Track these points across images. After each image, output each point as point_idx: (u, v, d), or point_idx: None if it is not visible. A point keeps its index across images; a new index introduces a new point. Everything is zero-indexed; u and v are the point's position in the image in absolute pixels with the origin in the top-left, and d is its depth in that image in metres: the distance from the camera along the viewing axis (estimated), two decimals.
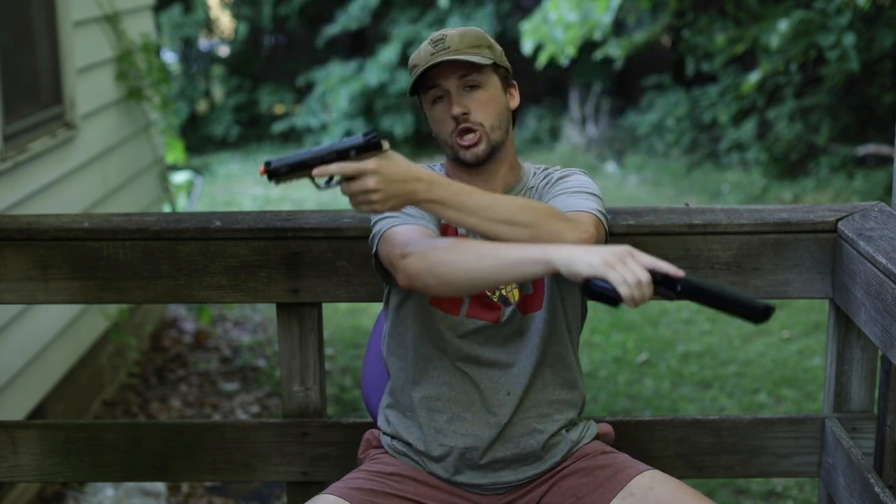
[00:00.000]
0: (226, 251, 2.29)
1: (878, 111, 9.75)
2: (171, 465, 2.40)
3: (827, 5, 8.26)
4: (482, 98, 1.96)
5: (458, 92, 1.95)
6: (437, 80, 1.96)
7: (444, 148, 2.01)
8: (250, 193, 10.20)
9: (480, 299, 2.00)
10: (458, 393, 2.00)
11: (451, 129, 1.96)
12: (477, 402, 1.99)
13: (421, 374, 2.02)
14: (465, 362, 2.00)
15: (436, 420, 2.00)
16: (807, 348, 5.52)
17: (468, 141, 1.95)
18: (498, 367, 2.00)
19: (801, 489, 3.96)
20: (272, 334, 5.73)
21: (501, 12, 12.28)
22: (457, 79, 1.95)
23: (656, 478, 1.94)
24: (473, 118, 1.95)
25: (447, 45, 1.95)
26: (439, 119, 1.98)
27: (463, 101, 1.95)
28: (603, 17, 8.47)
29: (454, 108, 1.95)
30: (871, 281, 2.03)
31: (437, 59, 1.93)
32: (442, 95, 1.97)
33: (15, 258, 2.29)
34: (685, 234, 2.27)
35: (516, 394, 1.99)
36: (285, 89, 13.30)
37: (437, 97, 1.98)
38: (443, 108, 1.97)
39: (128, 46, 5.06)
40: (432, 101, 1.99)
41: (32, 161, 3.94)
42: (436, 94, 1.98)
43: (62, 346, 4.16)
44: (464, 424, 1.99)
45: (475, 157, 1.96)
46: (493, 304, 2.00)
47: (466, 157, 1.97)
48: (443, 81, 1.96)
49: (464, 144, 1.96)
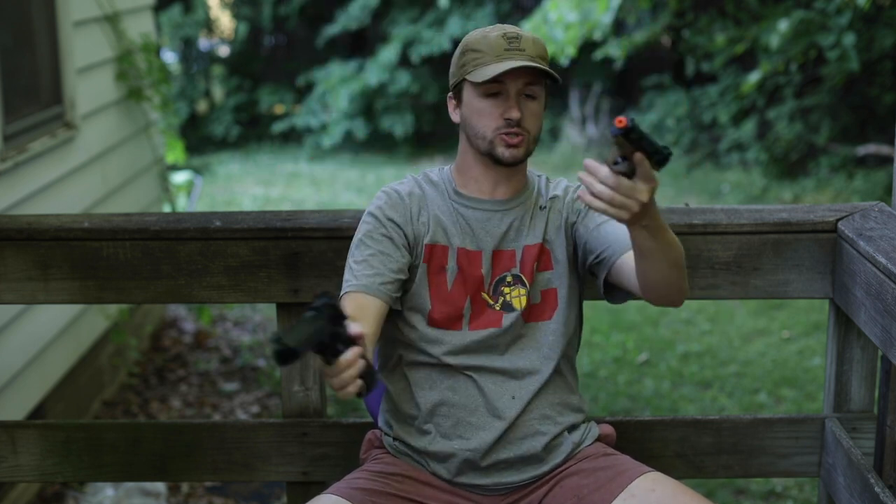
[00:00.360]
0: (226, 251, 2.29)
1: (878, 111, 9.75)
2: (171, 465, 2.40)
3: (827, 5, 8.25)
4: (535, 109, 1.96)
5: (517, 96, 1.94)
6: (503, 76, 1.93)
7: (475, 140, 1.98)
8: (250, 193, 10.20)
9: (481, 310, 2.00)
10: (462, 397, 2.00)
11: (497, 125, 1.94)
12: (481, 407, 1.99)
13: (423, 384, 2.02)
14: (469, 369, 2.00)
15: (440, 425, 2.00)
16: (807, 348, 5.51)
17: (513, 140, 1.94)
18: (502, 373, 2.00)
19: (801, 489, 3.96)
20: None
21: (501, 12, 12.27)
22: (522, 84, 1.94)
23: (658, 480, 1.94)
24: (524, 125, 1.95)
25: (523, 48, 1.94)
26: (486, 113, 1.95)
27: (520, 107, 1.94)
28: (603, 17, 8.47)
29: (513, 112, 1.93)
30: (871, 281, 2.03)
31: (518, 63, 1.90)
32: (499, 92, 1.94)
33: (15, 258, 2.29)
34: (685, 234, 2.27)
35: (521, 398, 1.99)
36: (285, 89, 13.30)
37: (494, 92, 1.95)
38: (495, 104, 1.94)
39: (128, 46, 5.06)
40: (488, 93, 1.95)
41: (32, 161, 3.94)
42: (494, 88, 1.94)
43: (62, 346, 4.16)
44: (468, 429, 1.99)
45: (514, 158, 1.95)
46: (495, 312, 2.00)
47: (506, 155, 1.95)
48: (509, 81, 1.93)
49: (510, 142, 1.94)
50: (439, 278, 2.00)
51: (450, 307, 2.00)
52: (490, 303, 2.00)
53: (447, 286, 2.00)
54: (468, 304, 2.00)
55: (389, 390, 2.07)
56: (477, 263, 2.01)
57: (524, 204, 2.05)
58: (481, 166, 2.01)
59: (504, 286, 2.01)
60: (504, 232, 2.02)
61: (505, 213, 2.03)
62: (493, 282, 2.01)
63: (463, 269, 2.00)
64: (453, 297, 2.00)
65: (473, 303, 2.00)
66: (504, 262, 2.02)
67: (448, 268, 2.01)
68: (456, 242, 2.01)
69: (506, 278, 2.01)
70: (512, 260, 2.02)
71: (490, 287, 2.01)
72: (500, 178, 2.02)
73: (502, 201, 2.03)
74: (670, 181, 10.46)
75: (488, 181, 2.02)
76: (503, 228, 2.02)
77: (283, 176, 11.20)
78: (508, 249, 2.02)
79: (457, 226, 2.02)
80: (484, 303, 2.00)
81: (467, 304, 2.00)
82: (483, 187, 2.03)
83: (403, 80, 12.06)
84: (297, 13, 13.31)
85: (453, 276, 2.00)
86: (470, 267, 2.00)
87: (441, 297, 2.00)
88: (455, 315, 2.00)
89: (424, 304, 2.00)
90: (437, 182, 2.06)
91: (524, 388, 2.00)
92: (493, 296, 2.01)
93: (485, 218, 2.02)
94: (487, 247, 2.01)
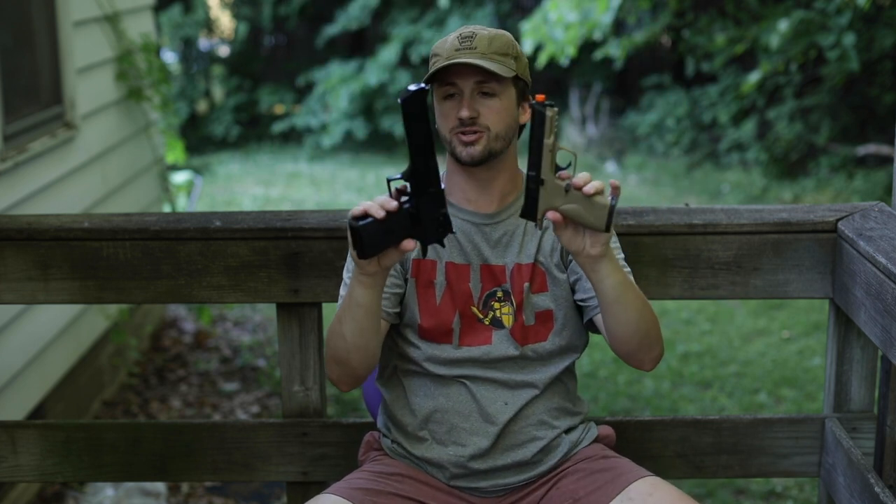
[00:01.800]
0: (226, 251, 2.29)
1: (878, 111, 9.75)
2: (171, 465, 2.40)
3: (827, 5, 8.26)
4: (495, 106, 1.91)
5: (471, 95, 1.91)
6: (454, 77, 1.90)
7: (444, 144, 1.98)
8: (250, 193, 10.20)
9: (470, 325, 1.98)
10: (455, 403, 1.99)
11: (452, 126, 1.92)
12: (475, 412, 1.99)
13: (418, 391, 2.02)
14: (463, 377, 1.99)
15: (435, 431, 2.00)
16: (807, 348, 5.51)
17: (468, 138, 1.91)
18: (494, 382, 1.99)
19: (801, 489, 3.96)
20: (272, 334, 5.73)
21: (501, 12, 12.27)
22: (474, 82, 1.90)
23: (656, 484, 1.92)
24: (481, 122, 1.91)
25: (474, 46, 1.90)
26: (445, 115, 1.93)
27: (474, 105, 1.90)
28: (603, 17, 8.47)
29: (463, 111, 1.89)
30: (871, 281, 2.03)
31: (459, 59, 1.88)
32: (454, 94, 1.92)
33: (15, 258, 2.29)
34: (685, 234, 2.27)
35: (514, 405, 1.99)
36: (285, 89, 13.30)
37: (449, 94, 1.93)
38: (452, 106, 1.92)
39: (128, 46, 5.06)
40: (444, 95, 1.93)
41: (32, 161, 3.94)
42: (449, 90, 1.92)
43: (62, 346, 4.16)
44: (463, 435, 1.98)
45: (470, 157, 1.92)
46: (484, 327, 1.98)
47: (462, 154, 1.92)
48: (459, 81, 1.90)
49: (463, 140, 1.91)
50: (428, 292, 1.98)
51: (438, 321, 1.98)
52: (479, 317, 1.98)
53: (436, 300, 1.98)
54: (457, 318, 1.98)
55: (386, 398, 2.07)
56: (465, 277, 1.98)
57: (515, 215, 1.99)
58: (460, 172, 1.99)
59: (494, 301, 1.99)
60: (492, 246, 1.99)
61: (493, 228, 1.99)
62: (483, 296, 1.98)
63: (451, 284, 1.98)
64: (442, 311, 1.98)
65: (463, 317, 1.98)
66: (494, 278, 1.98)
67: (436, 282, 1.98)
68: (444, 256, 1.98)
69: (496, 293, 1.98)
70: (503, 275, 1.99)
71: (480, 301, 1.98)
72: (478, 184, 1.98)
73: (489, 214, 1.99)
74: (670, 181, 10.46)
75: (470, 188, 1.99)
76: (491, 243, 1.99)
77: (283, 176, 11.20)
78: (498, 265, 1.99)
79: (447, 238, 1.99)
80: (473, 317, 1.98)
81: (456, 319, 1.98)
82: (469, 195, 1.99)
83: (403, 80, 12.07)
84: (297, 13, 13.32)
85: (442, 290, 1.98)
86: (458, 281, 1.98)
87: (430, 311, 1.98)
88: (444, 329, 1.98)
89: (414, 317, 1.99)
90: None
91: (518, 397, 1.99)
92: (483, 310, 1.98)
93: (473, 231, 1.99)
94: (475, 261, 1.99)
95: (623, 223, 2.25)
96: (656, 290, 2.28)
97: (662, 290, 2.29)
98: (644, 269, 2.25)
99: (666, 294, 2.29)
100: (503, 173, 1.99)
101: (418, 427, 2.01)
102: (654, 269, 2.27)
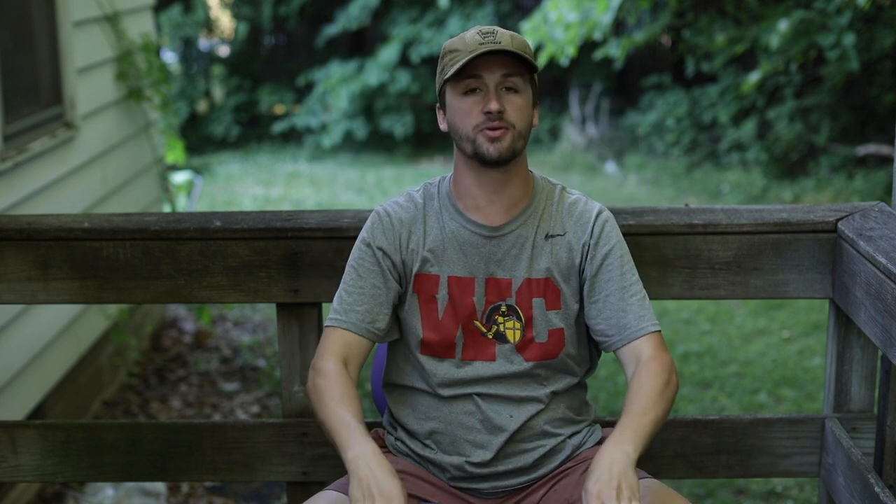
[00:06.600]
0: (226, 251, 2.29)
1: (878, 111, 9.75)
2: (171, 465, 2.40)
3: (827, 5, 8.26)
4: (518, 102, 1.88)
5: (496, 89, 1.87)
6: (479, 70, 1.86)
7: (460, 143, 1.91)
8: (250, 193, 10.20)
9: (474, 339, 1.96)
10: (459, 418, 1.97)
11: (478, 122, 1.87)
12: (478, 424, 1.97)
13: (420, 409, 2.01)
14: (467, 394, 1.98)
15: (440, 442, 1.99)
16: (807, 348, 5.51)
17: (495, 133, 1.86)
18: (498, 397, 1.98)
19: (801, 489, 3.96)
20: (272, 334, 5.73)
21: (501, 12, 12.27)
22: (500, 76, 1.86)
23: (652, 487, 1.90)
24: (507, 118, 1.87)
25: (498, 40, 1.86)
26: (466, 111, 1.88)
27: (500, 100, 1.87)
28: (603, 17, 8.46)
29: (492, 104, 1.85)
30: (871, 281, 2.03)
31: (487, 48, 1.84)
32: (477, 88, 1.87)
33: (15, 258, 2.29)
34: (685, 234, 2.27)
35: (519, 418, 1.97)
36: (285, 89, 13.30)
37: (471, 88, 1.88)
38: (475, 101, 1.87)
39: (128, 46, 5.06)
40: (465, 90, 1.88)
41: (32, 161, 3.94)
42: (472, 84, 1.87)
43: (62, 346, 4.16)
44: (467, 447, 1.97)
45: (498, 153, 1.87)
46: (488, 341, 1.96)
47: (490, 150, 1.87)
48: (486, 74, 1.86)
49: (492, 136, 1.86)
50: (430, 307, 1.96)
51: (441, 336, 1.95)
52: (483, 331, 1.96)
53: (438, 315, 1.95)
54: (460, 332, 1.95)
55: (390, 403, 2.07)
56: (469, 291, 1.95)
57: (526, 225, 1.96)
58: (472, 173, 1.93)
59: (498, 315, 1.96)
60: (499, 259, 1.95)
61: (501, 240, 1.95)
62: (487, 310, 1.95)
63: (454, 298, 1.95)
64: (444, 325, 1.95)
65: (466, 332, 1.96)
66: (499, 291, 1.95)
67: (439, 296, 1.96)
68: (446, 270, 1.95)
69: (500, 307, 1.95)
70: (508, 289, 1.95)
71: (483, 315, 1.96)
72: (491, 188, 1.93)
73: (497, 227, 1.95)
74: (670, 181, 10.46)
75: (482, 192, 1.94)
76: (498, 255, 1.95)
77: (282, 176, 11.20)
78: (504, 278, 1.95)
79: (449, 249, 1.96)
80: (476, 331, 1.96)
81: (459, 333, 1.95)
82: (479, 202, 1.95)
83: (403, 80, 12.07)
84: (297, 13, 13.32)
85: (444, 305, 1.95)
86: (461, 295, 1.95)
87: (432, 326, 1.96)
88: (447, 343, 1.96)
89: (417, 332, 1.97)
90: (435, 195, 2.00)
91: (523, 410, 1.97)
92: (487, 324, 1.96)
93: (479, 242, 1.95)
94: (480, 273, 1.95)
95: (623, 223, 2.24)
96: (656, 290, 2.28)
97: (662, 290, 2.29)
98: (644, 269, 2.25)
99: (666, 294, 2.29)
100: (516, 177, 1.95)
101: (423, 437, 2.01)
102: (654, 268, 2.27)
